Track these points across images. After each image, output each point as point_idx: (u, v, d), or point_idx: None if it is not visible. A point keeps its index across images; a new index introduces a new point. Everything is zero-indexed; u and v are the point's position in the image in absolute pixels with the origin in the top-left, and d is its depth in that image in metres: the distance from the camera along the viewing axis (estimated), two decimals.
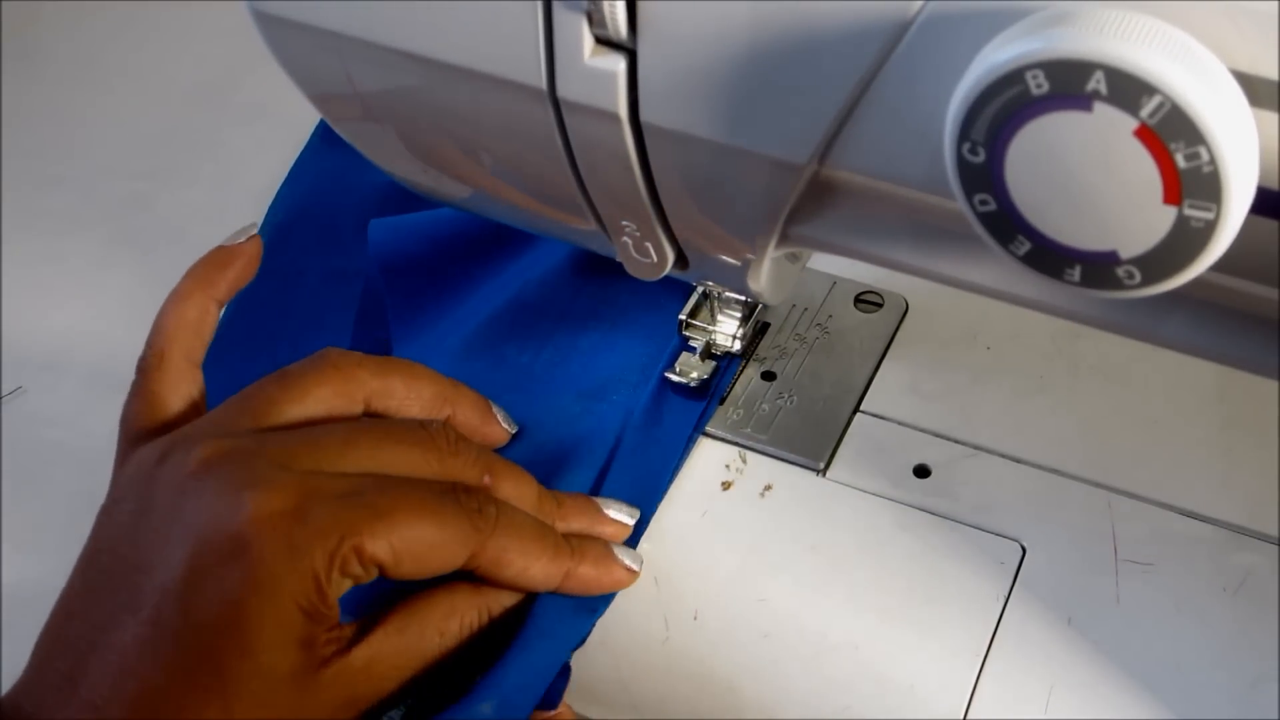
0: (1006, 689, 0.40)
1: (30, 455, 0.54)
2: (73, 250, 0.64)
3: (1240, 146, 0.25)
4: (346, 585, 0.36)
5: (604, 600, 0.42)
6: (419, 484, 0.38)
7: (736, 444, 0.47)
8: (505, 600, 0.40)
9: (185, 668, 0.34)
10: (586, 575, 0.41)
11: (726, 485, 0.46)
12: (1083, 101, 0.25)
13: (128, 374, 0.42)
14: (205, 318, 0.42)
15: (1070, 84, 0.25)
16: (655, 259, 0.39)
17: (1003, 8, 0.26)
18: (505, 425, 0.46)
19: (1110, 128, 0.25)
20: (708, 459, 0.47)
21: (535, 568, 0.39)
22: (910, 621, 0.42)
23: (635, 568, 0.43)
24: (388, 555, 0.35)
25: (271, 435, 0.38)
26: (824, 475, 0.46)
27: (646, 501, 0.45)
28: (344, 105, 0.39)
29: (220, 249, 0.44)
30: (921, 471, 0.46)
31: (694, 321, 0.48)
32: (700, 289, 0.48)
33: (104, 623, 0.35)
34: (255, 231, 0.44)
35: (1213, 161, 0.24)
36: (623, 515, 0.44)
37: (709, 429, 0.48)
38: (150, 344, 0.42)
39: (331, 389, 0.40)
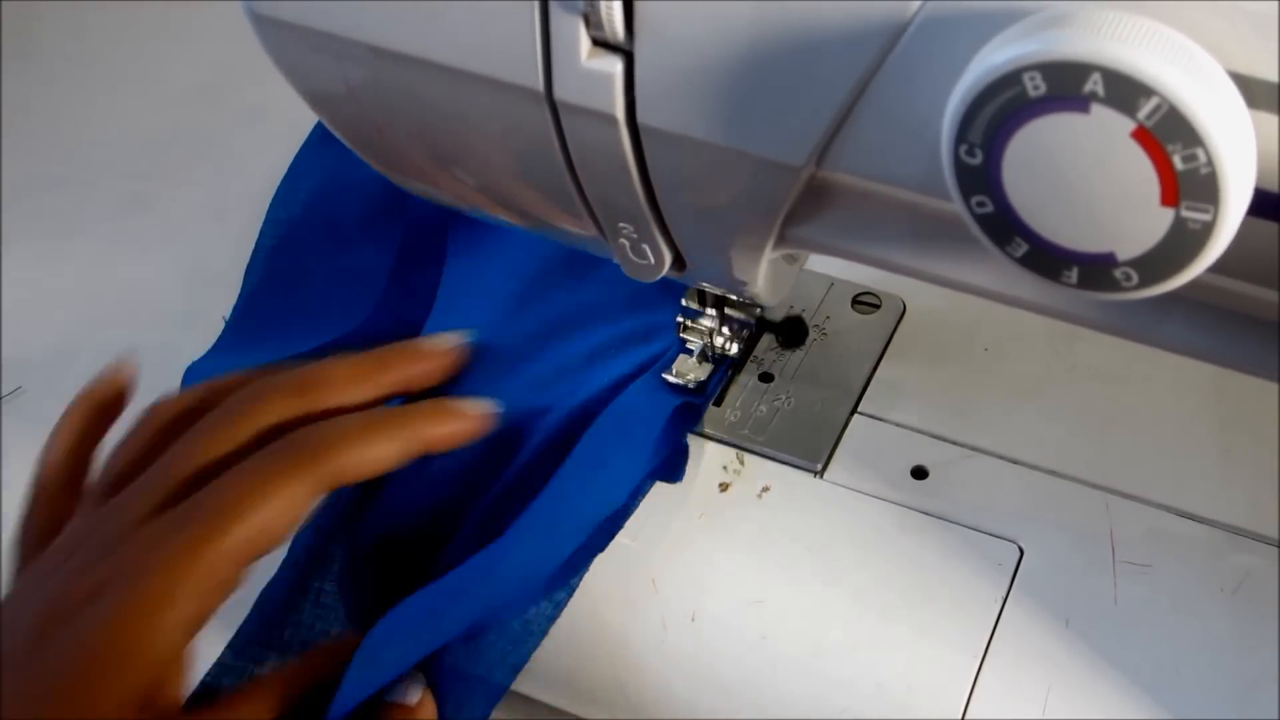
0: (1004, 690, 0.40)
1: (30, 455, 0.54)
2: (73, 250, 0.64)
3: (1238, 148, 0.24)
4: None
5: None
6: (258, 462, 0.37)
7: (734, 445, 0.47)
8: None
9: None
10: (430, 432, 0.40)
11: (724, 487, 0.46)
12: (1080, 103, 0.25)
13: None
14: (81, 461, 0.44)
15: (1067, 85, 0.25)
16: (653, 260, 0.39)
17: (1000, 9, 0.26)
18: None
19: (1107, 129, 0.25)
20: (705, 460, 0.47)
21: (374, 452, 0.39)
22: (908, 623, 0.42)
23: (483, 408, 0.42)
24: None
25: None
26: (821, 477, 0.46)
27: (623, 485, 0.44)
28: (340, 107, 0.39)
29: (88, 393, 0.45)
30: (919, 473, 0.46)
31: (691, 324, 0.48)
32: (698, 290, 0.48)
33: None
34: (129, 362, 0.45)
35: (1210, 163, 0.24)
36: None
37: (706, 430, 0.48)
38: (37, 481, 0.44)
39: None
